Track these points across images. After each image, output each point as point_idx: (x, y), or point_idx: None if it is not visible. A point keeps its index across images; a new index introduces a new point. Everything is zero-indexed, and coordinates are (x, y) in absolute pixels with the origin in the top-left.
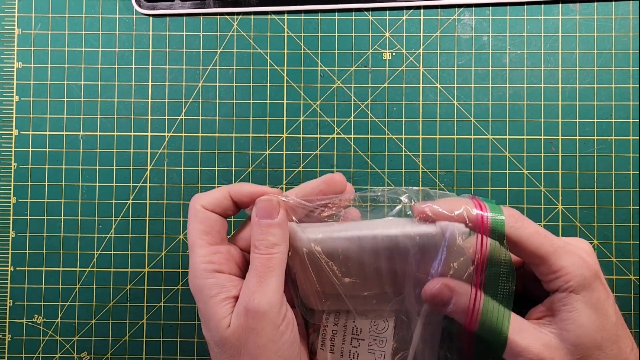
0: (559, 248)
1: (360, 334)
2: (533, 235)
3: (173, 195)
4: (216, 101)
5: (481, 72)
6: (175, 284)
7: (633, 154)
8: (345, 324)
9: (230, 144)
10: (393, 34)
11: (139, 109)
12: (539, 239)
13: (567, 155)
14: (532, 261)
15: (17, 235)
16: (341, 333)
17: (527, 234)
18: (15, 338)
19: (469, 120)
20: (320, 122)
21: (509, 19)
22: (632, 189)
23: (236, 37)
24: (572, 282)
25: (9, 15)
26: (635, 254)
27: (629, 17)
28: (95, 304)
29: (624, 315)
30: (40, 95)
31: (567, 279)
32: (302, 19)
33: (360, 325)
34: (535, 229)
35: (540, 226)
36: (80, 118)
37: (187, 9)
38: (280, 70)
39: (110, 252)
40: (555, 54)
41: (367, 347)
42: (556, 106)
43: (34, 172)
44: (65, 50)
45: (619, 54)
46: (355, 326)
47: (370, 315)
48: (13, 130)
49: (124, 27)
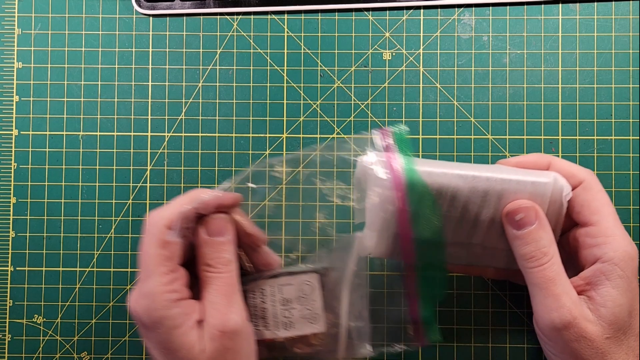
0: (618, 219)
1: (290, 303)
2: (604, 197)
3: (173, 195)
4: (216, 101)
5: (481, 72)
6: None
7: (633, 154)
8: (273, 296)
9: (230, 144)
10: (393, 34)
11: (139, 109)
12: (607, 200)
13: (568, 156)
14: (591, 219)
15: (17, 235)
16: (271, 307)
17: (601, 195)
18: (15, 338)
19: (469, 120)
20: (321, 122)
21: (509, 19)
22: (632, 189)
23: (236, 37)
24: (618, 252)
25: (9, 15)
26: None
27: (629, 17)
28: (95, 304)
29: None
30: (40, 95)
31: (616, 247)
32: (302, 19)
33: (286, 295)
34: (606, 194)
35: None
36: (80, 118)
37: (187, 9)
38: (280, 71)
39: (110, 252)
40: (555, 54)
41: (299, 313)
42: (556, 106)
43: (34, 172)
44: (65, 51)
45: (619, 54)
46: (282, 297)
47: (294, 281)
48: (13, 130)
49: (124, 27)
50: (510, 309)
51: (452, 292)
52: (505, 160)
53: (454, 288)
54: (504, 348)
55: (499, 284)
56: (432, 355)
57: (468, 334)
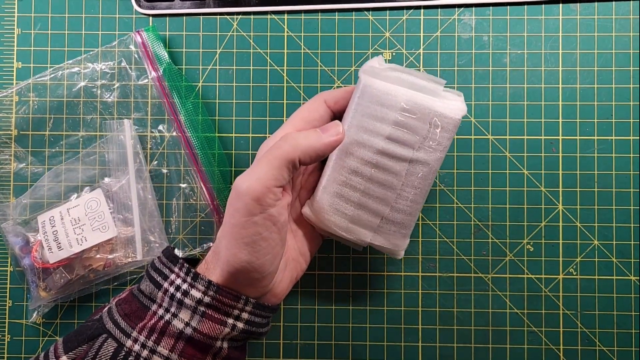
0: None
1: (79, 221)
2: None
3: (172, 197)
4: (216, 101)
5: (481, 72)
6: None
7: (633, 154)
8: (62, 220)
9: (230, 144)
10: (393, 34)
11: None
12: None
13: (568, 156)
14: None
15: None
16: (62, 229)
17: None
18: (15, 339)
19: (469, 120)
20: None
21: (510, 19)
22: (632, 189)
23: (236, 37)
24: None
25: (8, 15)
26: (635, 255)
27: (630, 17)
28: (94, 304)
29: (623, 315)
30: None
31: None
32: (302, 19)
33: (76, 215)
34: None
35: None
36: (79, 118)
37: (187, 8)
38: (280, 70)
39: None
40: (555, 54)
41: (90, 227)
42: (557, 106)
43: (33, 172)
44: (65, 51)
45: (619, 54)
46: (71, 218)
47: (82, 199)
48: (13, 130)
49: (123, 27)
50: (510, 309)
51: (452, 293)
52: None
53: (454, 289)
54: (504, 348)
55: (499, 285)
56: (432, 355)
57: (468, 334)
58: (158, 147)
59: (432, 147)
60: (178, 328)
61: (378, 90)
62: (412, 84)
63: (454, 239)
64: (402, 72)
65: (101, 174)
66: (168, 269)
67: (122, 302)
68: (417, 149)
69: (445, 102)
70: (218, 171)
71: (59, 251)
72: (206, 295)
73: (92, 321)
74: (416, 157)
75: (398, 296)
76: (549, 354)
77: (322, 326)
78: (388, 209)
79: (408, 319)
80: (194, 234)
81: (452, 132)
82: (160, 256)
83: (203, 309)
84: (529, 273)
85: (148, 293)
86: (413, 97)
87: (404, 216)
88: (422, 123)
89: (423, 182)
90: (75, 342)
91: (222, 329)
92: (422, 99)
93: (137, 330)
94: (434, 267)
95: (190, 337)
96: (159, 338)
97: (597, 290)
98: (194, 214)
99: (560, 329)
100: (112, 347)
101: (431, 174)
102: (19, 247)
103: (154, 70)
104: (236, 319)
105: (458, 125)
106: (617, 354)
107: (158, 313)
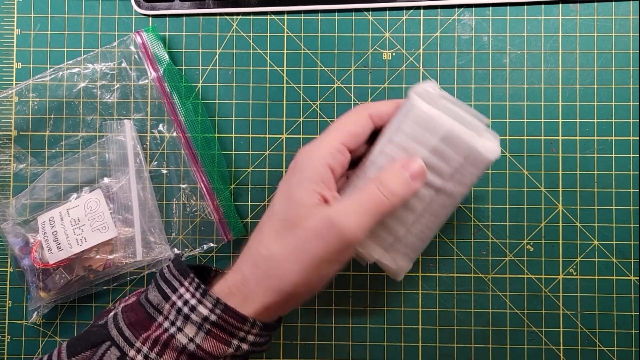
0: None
1: (79, 222)
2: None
3: (171, 197)
4: (216, 101)
5: (481, 72)
6: None
7: (633, 154)
8: (62, 221)
9: (230, 144)
10: (393, 34)
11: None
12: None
13: (568, 156)
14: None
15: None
16: (61, 230)
17: None
18: (15, 339)
19: None
20: (320, 122)
21: (509, 19)
22: (632, 189)
23: (236, 37)
24: None
25: (8, 15)
26: (635, 255)
27: (629, 17)
28: (94, 304)
29: (623, 315)
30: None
31: None
32: (302, 19)
33: (76, 215)
34: None
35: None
36: (79, 119)
37: (186, 9)
38: (280, 71)
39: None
40: (555, 54)
41: (90, 227)
42: (556, 106)
43: (33, 172)
44: (64, 51)
45: (619, 54)
46: (71, 218)
47: (82, 200)
48: (12, 130)
49: (123, 28)
50: (510, 309)
51: (452, 294)
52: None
53: (453, 289)
54: (504, 348)
55: (499, 285)
56: (432, 355)
57: (468, 335)
58: (158, 147)
59: (459, 181)
60: (182, 342)
61: (425, 114)
62: (457, 115)
63: (453, 239)
64: (451, 102)
65: (101, 174)
66: (178, 281)
67: (128, 310)
68: (447, 179)
69: (483, 141)
70: (218, 171)
71: (59, 252)
72: (213, 313)
73: (97, 326)
74: (444, 186)
75: (398, 296)
76: (549, 354)
77: (322, 326)
78: (404, 230)
79: (408, 319)
80: (194, 234)
81: (481, 172)
82: (170, 266)
83: (209, 327)
84: (528, 273)
85: (155, 304)
86: (455, 128)
87: (416, 240)
88: (458, 156)
89: (443, 212)
90: (79, 347)
91: (225, 349)
92: (464, 132)
93: (141, 340)
94: (434, 267)
95: (193, 354)
96: (162, 350)
97: (597, 290)
98: (194, 214)
99: (560, 329)
100: (115, 355)
101: (452, 207)
102: (19, 247)
103: (154, 71)
104: (241, 341)
105: (488, 166)
106: (617, 354)
107: (163, 325)
